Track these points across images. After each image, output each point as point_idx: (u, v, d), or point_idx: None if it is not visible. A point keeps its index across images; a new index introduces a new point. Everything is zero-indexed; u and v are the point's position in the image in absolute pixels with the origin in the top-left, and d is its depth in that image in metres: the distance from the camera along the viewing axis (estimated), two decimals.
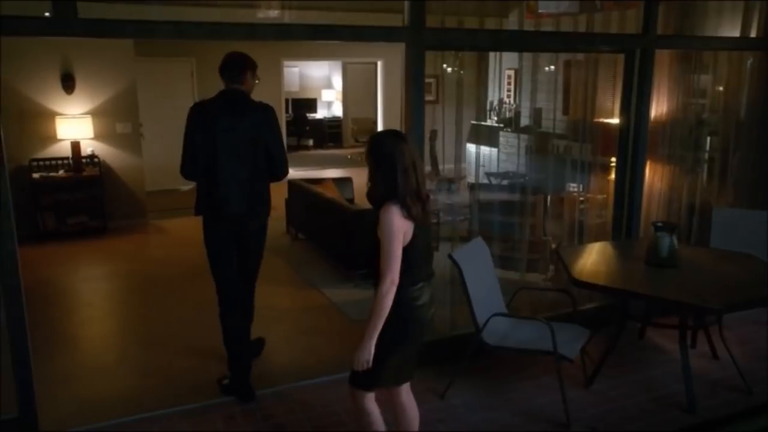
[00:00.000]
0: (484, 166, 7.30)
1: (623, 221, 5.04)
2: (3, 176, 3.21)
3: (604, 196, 5.41)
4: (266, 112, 3.85)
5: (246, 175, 3.77)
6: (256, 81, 3.94)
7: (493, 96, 9.71)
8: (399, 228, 2.67)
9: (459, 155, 4.95)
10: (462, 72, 5.00)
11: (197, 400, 3.89)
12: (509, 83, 9.27)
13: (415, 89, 4.02)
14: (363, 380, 2.85)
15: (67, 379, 4.21)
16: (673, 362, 4.25)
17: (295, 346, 4.71)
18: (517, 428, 3.64)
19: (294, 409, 3.82)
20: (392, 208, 2.66)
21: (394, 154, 2.69)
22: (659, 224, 4.14)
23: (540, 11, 6.16)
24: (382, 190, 2.71)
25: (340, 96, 15.91)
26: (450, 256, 3.86)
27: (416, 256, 2.78)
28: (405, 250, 2.72)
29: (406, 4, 3.96)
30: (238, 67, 3.79)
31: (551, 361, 3.70)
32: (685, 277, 3.94)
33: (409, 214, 2.67)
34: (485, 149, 7.74)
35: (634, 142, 4.90)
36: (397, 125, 10.57)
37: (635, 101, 4.85)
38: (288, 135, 13.62)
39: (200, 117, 3.74)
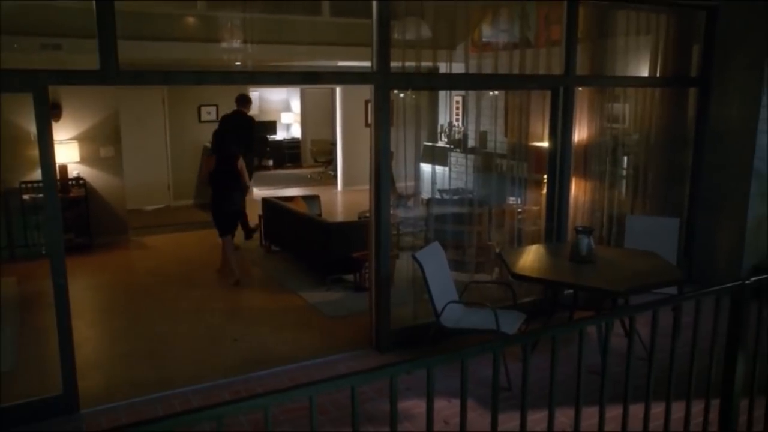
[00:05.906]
0: (436, 183, 8.23)
1: (554, 228, 6.04)
2: (54, 196, 3.96)
3: (538, 207, 6.43)
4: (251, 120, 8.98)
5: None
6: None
7: (443, 119, 10.72)
8: (207, 161, 6.73)
9: (413, 174, 5.85)
10: (414, 97, 5.84)
11: (204, 380, 4.67)
12: (458, 108, 10.24)
13: (381, 120, 4.92)
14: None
15: (93, 367, 4.93)
16: (594, 341, 5.23)
17: (283, 338, 5.51)
18: (470, 392, 4.51)
19: (287, 385, 4.62)
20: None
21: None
22: (580, 228, 5.14)
23: (483, 41, 7.15)
24: None
25: (298, 118, 16.71)
26: (413, 256, 4.76)
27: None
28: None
29: (374, 51, 4.86)
30: (244, 100, 8.85)
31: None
32: (600, 270, 4.93)
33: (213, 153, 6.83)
34: (437, 168, 8.68)
35: (561, 162, 5.91)
36: (353, 145, 11.56)
37: (560, 128, 5.86)
38: None
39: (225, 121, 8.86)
